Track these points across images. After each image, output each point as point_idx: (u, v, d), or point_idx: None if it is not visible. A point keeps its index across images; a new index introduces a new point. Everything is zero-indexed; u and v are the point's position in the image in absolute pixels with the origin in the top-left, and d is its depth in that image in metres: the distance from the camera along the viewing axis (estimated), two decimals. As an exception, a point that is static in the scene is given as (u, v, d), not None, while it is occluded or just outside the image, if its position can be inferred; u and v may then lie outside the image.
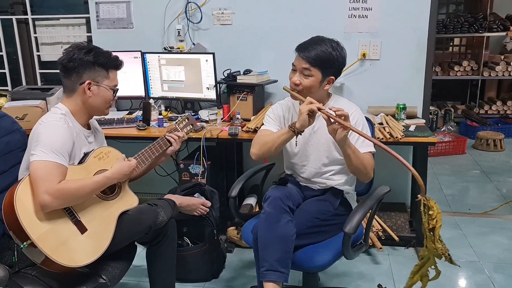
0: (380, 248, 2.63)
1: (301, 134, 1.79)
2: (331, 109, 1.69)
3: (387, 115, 2.85)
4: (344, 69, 2.89)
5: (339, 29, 2.93)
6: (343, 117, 1.66)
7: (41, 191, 1.53)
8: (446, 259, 1.64)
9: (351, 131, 1.69)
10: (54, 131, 1.65)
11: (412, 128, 2.66)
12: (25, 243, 1.51)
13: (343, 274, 2.49)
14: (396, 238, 2.68)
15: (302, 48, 1.82)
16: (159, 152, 2.00)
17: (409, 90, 2.97)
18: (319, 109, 1.69)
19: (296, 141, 1.86)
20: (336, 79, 1.88)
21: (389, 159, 3.03)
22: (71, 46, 1.78)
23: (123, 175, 1.77)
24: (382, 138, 2.48)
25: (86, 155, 1.78)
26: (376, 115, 2.87)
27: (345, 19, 2.94)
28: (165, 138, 2.03)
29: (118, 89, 1.86)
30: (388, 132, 2.51)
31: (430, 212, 1.60)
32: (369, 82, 3.00)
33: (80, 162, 1.75)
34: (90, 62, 1.74)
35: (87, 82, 1.74)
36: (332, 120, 1.67)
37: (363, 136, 1.70)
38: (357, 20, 2.93)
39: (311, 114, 1.71)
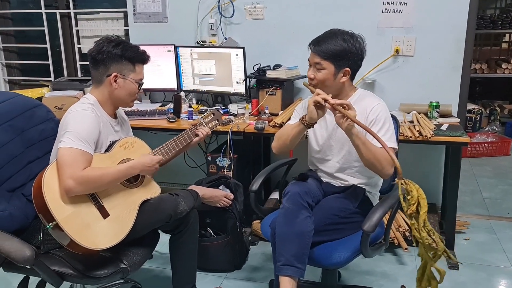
0: (406, 249, 2.57)
1: (312, 127, 1.82)
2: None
3: (419, 113, 2.77)
4: (376, 65, 2.85)
5: (372, 25, 2.88)
6: (346, 107, 1.68)
7: (66, 176, 1.61)
8: (436, 251, 1.50)
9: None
10: (81, 120, 1.73)
11: (444, 127, 2.57)
12: (51, 224, 1.60)
13: (366, 273, 2.46)
14: (424, 240, 2.61)
15: (313, 43, 1.85)
16: (183, 145, 2.05)
17: (445, 88, 2.87)
18: (325, 100, 1.71)
19: (306, 134, 1.90)
20: (353, 70, 1.87)
21: (421, 159, 2.99)
22: (101, 39, 1.85)
23: (145, 167, 1.82)
24: (411, 137, 2.41)
25: (112, 144, 1.85)
26: (408, 113, 2.79)
27: (379, 14, 2.87)
28: (190, 132, 2.07)
29: (143, 82, 1.91)
30: (417, 131, 2.44)
31: (409, 197, 1.51)
32: (402, 79, 2.92)
33: (106, 151, 1.82)
34: (117, 55, 1.80)
35: (113, 74, 1.81)
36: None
37: (361, 127, 1.67)
38: (391, 15, 2.86)
39: (319, 106, 1.73)
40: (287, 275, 1.70)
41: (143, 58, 1.87)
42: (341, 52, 1.80)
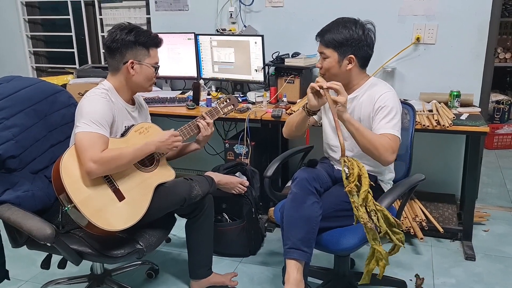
0: (421, 239, 2.55)
1: (314, 114, 1.87)
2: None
3: (439, 103, 2.73)
4: (396, 53, 2.79)
5: (393, 12, 2.85)
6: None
7: (86, 159, 1.67)
8: (375, 233, 1.50)
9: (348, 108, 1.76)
10: (94, 104, 1.78)
11: (463, 117, 2.52)
12: (69, 206, 1.67)
13: (380, 262, 2.46)
14: (441, 230, 2.58)
15: (318, 33, 1.89)
16: (190, 135, 2.06)
17: (467, 77, 2.81)
18: (320, 87, 1.73)
19: (308, 124, 1.97)
20: (359, 57, 1.85)
21: (440, 149, 2.95)
22: (113, 27, 1.88)
23: (159, 142, 1.86)
24: (428, 126, 2.38)
25: (127, 129, 1.90)
26: (428, 102, 2.76)
27: (400, 1, 2.82)
28: (195, 122, 2.08)
29: (159, 66, 1.94)
30: (435, 120, 2.41)
31: (349, 174, 1.53)
32: (423, 68, 2.88)
33: (122, 135, 1.88)
34: (131, 41, 1.84)
35: (130, 61, 1.85)
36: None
37: (333, 114, 1.68)
38: (412, 2, 2.80)
39: (318, 93, 1.76)
40: (293, 258, 1.73)
41: (156, 42, 1.91)
42: (342, 39, 1.81)
